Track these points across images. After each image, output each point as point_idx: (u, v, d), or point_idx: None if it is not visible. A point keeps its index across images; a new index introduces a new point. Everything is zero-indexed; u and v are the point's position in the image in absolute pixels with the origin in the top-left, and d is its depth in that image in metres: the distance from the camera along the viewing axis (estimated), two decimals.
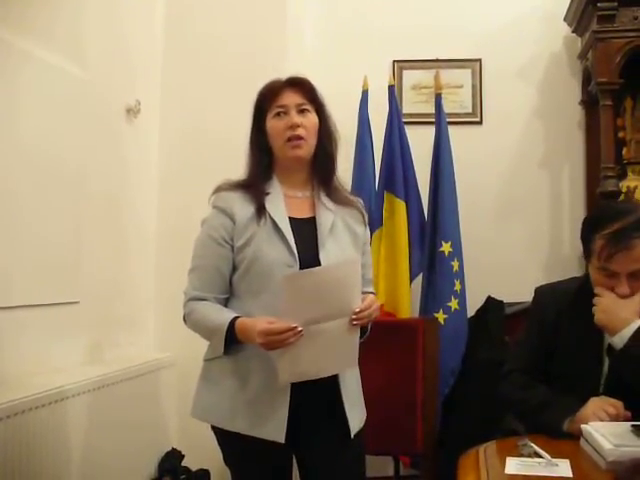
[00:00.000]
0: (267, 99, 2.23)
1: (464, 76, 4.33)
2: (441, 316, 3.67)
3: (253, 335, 1.97)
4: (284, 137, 2.18)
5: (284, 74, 2.26)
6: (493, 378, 2.50)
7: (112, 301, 3.42)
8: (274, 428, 2.05)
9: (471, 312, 3.89)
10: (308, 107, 2.21)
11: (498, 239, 4.18)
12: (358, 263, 2.06)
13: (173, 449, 3.62)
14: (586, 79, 4.09)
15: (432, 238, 3.79)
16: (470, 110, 4.32)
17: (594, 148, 3.98)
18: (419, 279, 3.88)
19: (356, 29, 4.32)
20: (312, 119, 2.21)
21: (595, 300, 2.11)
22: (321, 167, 2.27)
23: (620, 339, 2.04)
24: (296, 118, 2.18)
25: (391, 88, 4.02)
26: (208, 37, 3.81)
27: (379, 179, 3.95)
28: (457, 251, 3.77)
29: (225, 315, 2.08)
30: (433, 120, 3.99)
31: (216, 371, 2.17)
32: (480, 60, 4.31)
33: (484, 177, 4.20)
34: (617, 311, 2.06)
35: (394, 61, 4.35)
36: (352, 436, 2.14)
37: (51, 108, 2.92)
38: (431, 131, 3.97)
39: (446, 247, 3.73)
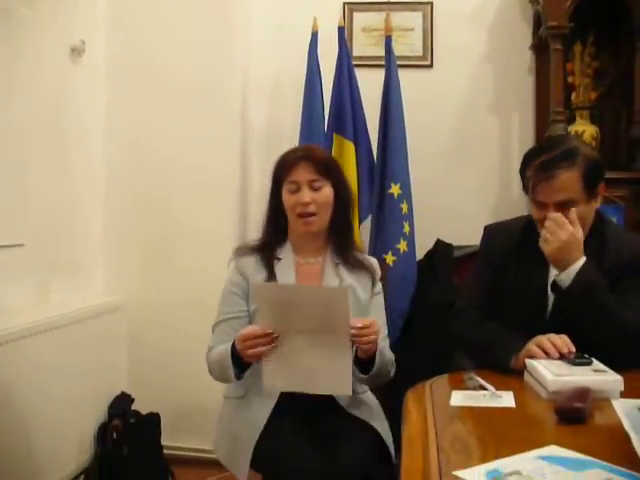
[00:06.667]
0: (282, 172, 2.28)
1: (415, 19, 4.28)
2: (390, 258, 3.68)
3: None
4: (296, 212, 2.24)
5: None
6: (442, 320, 2.54)
7: (59, 243, 3.38)
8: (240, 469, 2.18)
9: (420, 255, 3.90)
10: (321, 183, 2.24)
11: (448, 182, 4.17)
12: (344, 294, 1.94)
13: (122, 393, 3.60)
14: (537, 23, 4.06)
15: (381, 180, 3.76)
16: (421, 53, 4.28)
17: (544, 93, 3.98)
18: (368, 221, 3.87)
19: None
20: (326, 193, 2.25)
21: (547, 228, 2.11)
22: (337, 234, 2.33)
23: (567, 276, 2.09)
24: (307, 196, 2.22)
25: (341, 30, 3.96)
26: None
27: (328, 121, 3.90)
28: (406, 193, 3.76)
29: (229, 343, 2.14)
30: (383, 63, 3.95)
31: (226, 411, 2.35)
32: (431, 3, 4.25)
33: (434, 120, 4.18)
34: (570, 248, 2.09)
35: (344, 3, 4.28)
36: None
37: None
38: (381, 74, 3.91)
39: (395, 189, 3.72)
